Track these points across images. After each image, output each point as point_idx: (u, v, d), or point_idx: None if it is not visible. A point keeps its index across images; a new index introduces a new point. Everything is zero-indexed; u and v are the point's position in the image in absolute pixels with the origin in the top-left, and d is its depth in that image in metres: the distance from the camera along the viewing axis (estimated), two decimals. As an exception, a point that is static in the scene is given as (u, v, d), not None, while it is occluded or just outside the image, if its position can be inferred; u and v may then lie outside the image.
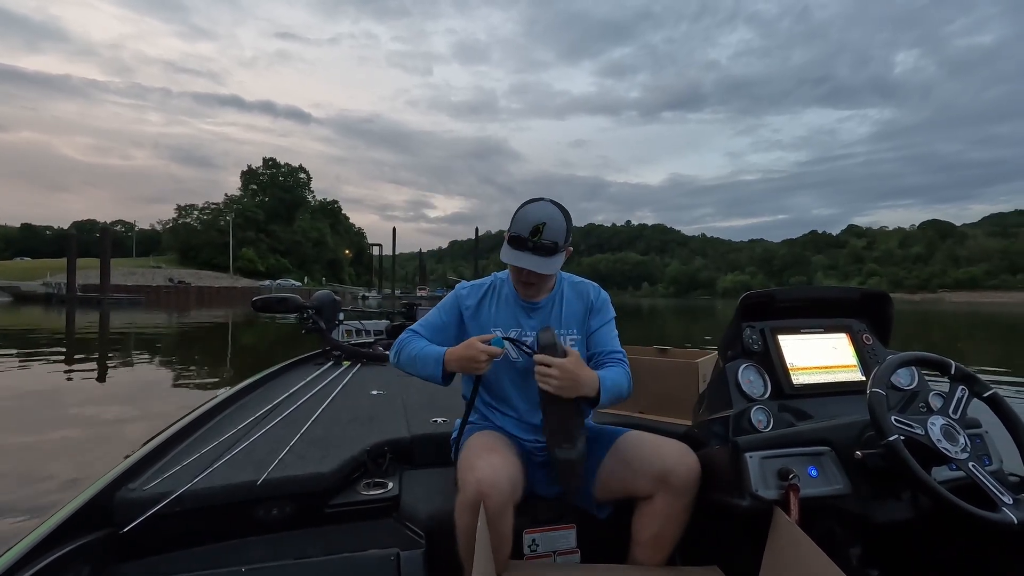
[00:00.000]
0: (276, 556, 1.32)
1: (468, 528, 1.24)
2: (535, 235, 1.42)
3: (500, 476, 1.24)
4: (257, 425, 1.94)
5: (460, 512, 1.26)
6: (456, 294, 1.64)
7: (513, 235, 1.45)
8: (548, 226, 1.42)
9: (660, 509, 1.35)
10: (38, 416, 5.12)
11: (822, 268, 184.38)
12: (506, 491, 1.23)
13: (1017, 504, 1.08)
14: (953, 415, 1.20)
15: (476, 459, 1.30)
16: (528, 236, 1.42)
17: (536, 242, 1.42)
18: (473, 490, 1.22)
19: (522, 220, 1.45)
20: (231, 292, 52.88)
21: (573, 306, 1.60)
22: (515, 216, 1.48)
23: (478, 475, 1.23)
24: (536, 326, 1.53)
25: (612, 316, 1.64)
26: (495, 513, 1.21)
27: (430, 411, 2.16)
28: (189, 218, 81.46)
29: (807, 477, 1.24)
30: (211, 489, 1.40)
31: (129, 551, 1.30)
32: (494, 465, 1.27)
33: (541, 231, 1.42)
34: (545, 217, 1.43)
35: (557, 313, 1.58)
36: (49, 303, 30.87)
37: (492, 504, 1.20)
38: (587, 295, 1.62)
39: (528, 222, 1.43)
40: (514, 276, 1.55)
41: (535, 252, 1.43)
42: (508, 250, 1.48)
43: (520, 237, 1.43)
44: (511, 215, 1.49)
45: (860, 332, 1.64)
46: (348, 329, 3.97)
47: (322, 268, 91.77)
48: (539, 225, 1.42)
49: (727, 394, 1.45)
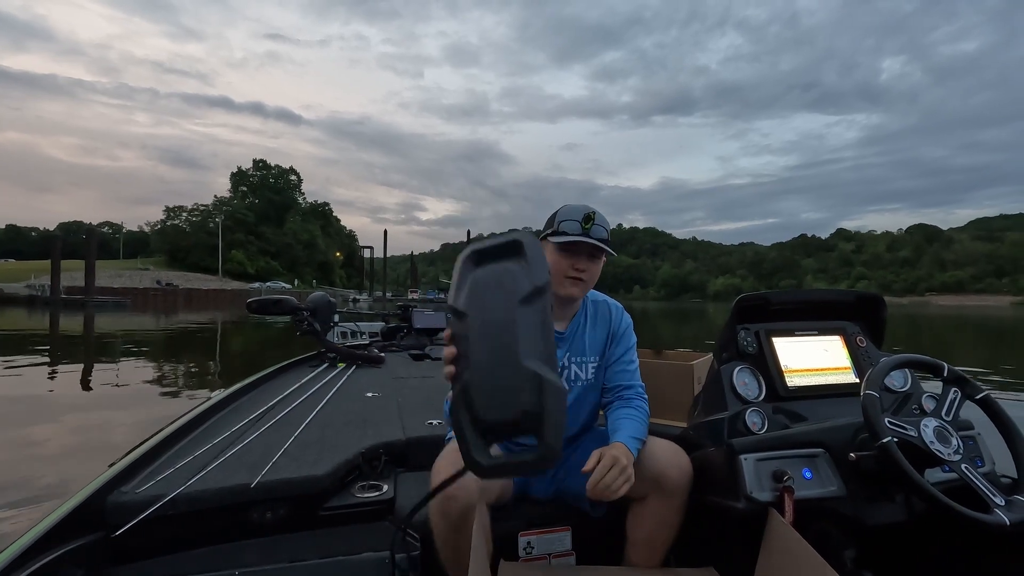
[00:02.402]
0: (270, 559, 1.31)
1: (442, 532, 1.24)
2: (587, 222, 1.37)
3: (467, 476, 1.22)
4: (251, 427, 1.92)
5: (432, 513, 1.25)
6: None
7: (563, 227, 1.39)
8: (599, 215, 1.39)
9: (653, 510, 1.35)
10: (13, 422, 5.02)
11: (811, 271, 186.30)
12: (474, 491, 1.21)
13: (1009, 506, 1.09)
14: (946, 417, 1.21)
15: (442, 459, 1.28)
16: (581, 222, 1.37)
17: (588, 228, 1.37)
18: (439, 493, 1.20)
19: (569, 211, 1.40)
20: (220, 294, 52.37)
21: (596, 332, 1.53)
22: (557, 213, 1.43)
23: (442, 476, 1.20)
24: (561, 355, 1.48)
25: (634, 343, 1.58)
26: (461, 512, 1.20)
27: (425, 413, 2.15)
28: (178, 220, 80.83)
29: (801, 479, 1.25)
30: (205, 492, 1.38)
31: (122, 555, 1.28)
32: (458, 466, 1.24)
33: (593, 219, 1.38)
34: (593, 209, 1.39)
35: (581, 339, 1.51)
36: (33, 305, 30.47)
37: (457, 506, 1.19)
38: (609, 319, 1.55)
39: (577, 211, 1.39)
40: (563, 271, 1.41)
41: (590, 238, 1.37)
42: (558, 238, 1.38)
43: (572, 223, 1.38)
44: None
45: (854, 334, 1.65)
46: (343, 331, 3.95)
47: (313, 270, 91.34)
48: (591, 213, 1.38)
49: (722, 396, 1.46)
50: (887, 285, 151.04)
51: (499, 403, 0.84)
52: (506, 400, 0.84)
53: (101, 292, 35.55)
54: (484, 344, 0.87)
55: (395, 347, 4.28)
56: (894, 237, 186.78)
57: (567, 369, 1.50)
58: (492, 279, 0.90)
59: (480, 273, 0.92)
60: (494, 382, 0.85)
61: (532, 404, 0.82)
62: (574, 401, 1.50)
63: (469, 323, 0.89)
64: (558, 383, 0.83)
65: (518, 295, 0.87)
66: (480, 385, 0.86)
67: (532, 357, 0.83)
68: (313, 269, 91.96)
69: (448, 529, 1.22)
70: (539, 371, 0.82)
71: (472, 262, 0.93)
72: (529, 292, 0.86)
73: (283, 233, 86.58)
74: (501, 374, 0.84)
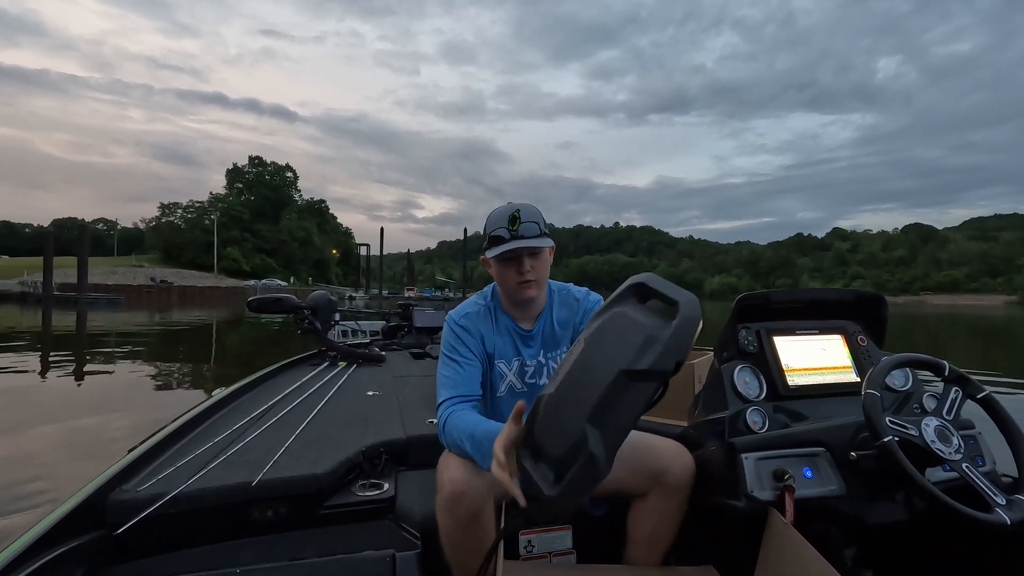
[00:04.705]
0: (271, 558, 1.31)
1: (449, 528, 1.23)
2: (513, 223, 1.35)
3: (474, 474, 1.22)
4: (252, 426, 1.92)
5: (439, 512, 1.25)
6: (461, 328, 1.46)
7: (492, 235, 1.38)
8: (524, 211, 1.37)
9: (655, 507, 1.35)
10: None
11: (807, 271, 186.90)
12: (482, 489, 1.21)
13: (1010, 505, 1.09)
14: (947, 416, 1.22)
15: (451, 458, 1.28)
16: (507, 225, 1.36)
17: (516, 230, 1.35)
18: (448, 489, 1.20)
19: (496, 218, 1.39)
20: (215, 292, 52.19)
21: (564, 320, 1.49)
22: (486, 222, 1.43)
23: (452, 474, 1.22)
24: (535, 354, 1.47)
25: None
26: (471, 512, 1.20)
27: (426, 412, 2.15)
28: (173, 217, 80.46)
29: (802, 478, 1.25)
30: (206, 490, 1.38)
31: (123, 553, 1.28)
32: (468, 463, 1.24)
33: (519, 216, 1.36)
34: (517, 207, 1.38)
35: (550, 333, 1.49)
36: (25, 302, 30.28)
37: (468, 502, 1.19)
38: (576, 301, 1.51)
39: (502, 214, 1.38)
40: (510, 281, 1.39)
41: (519, 239, 1.35)
42: (492, 251, 1.37)
43: (501, 229, 1.36)
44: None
45: (855, 334, 1.65)
46: (344, 330, 3.95)
47: (308, 268, 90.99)
48: (515, 213, 1.36)
49: (723, 395, 1.46)
50: (882, 284, 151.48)
51: (552, 432, 0.91)
52: (556, 437, 0.90)
53: (94, 289, 35.41)
54: (571, 378, 0.93)
55: (396, 346, 4.28)
56: (889, 236, 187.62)
57: (545, 367, 1.48)
58: (625, 327, 0.90)
59: (626, 310, 0.93)
60: (558, 414, 0.91)
61: (567, 456, 0.87)
62: None
63: (581, 348, 0.94)
64: (600, 459, 0.84)
65: (628, 362, 0.85)
66: (548, 407, 0.93)
67: (596, 425, 0.86)
68: (309, 267, 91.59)
69: (456, 528, 1.22)
70: (589, 437, 0.84)
71: (636, 295, 0.95)
72: (640, 369, 0.85)
73: (279, 230, 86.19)
74: (564, 414, 0.90)
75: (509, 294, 1.45)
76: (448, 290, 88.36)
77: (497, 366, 1.47)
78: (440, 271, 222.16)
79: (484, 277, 77.81)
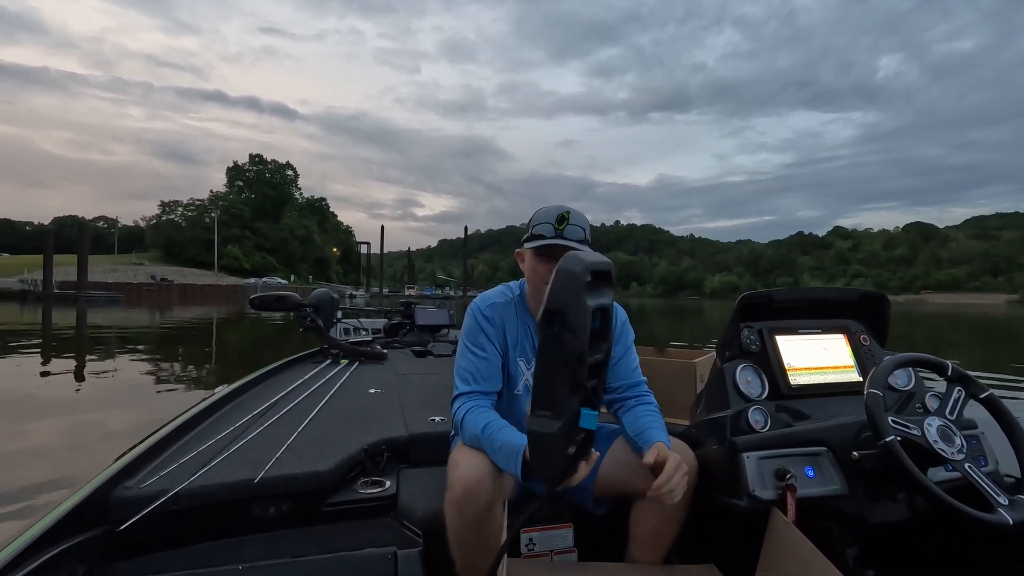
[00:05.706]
0: (273, 555, 1.31)
1: (457, 527, 1.24)
2: (561, 223, 1.35)
3: (486, 473, 1.22)
4: (255, 423, 1.92)
5: (448, 510, 1.25)
6: (484, 319, 1.45)
7: (537, 231, 1.38)
8: (573, 215, 1.37)
9: (658, 507, 1.34)
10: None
11: (808, 269, 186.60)
12: (493, 488, 1.22)
13: (1012, 505, 1.09)
14: (949, 416, 1.22)
15: (462, 456, 1.28)
16: (554, 224, 1.36)
17: (561, 230, 1.35)
18: (460, 488, 1.21)
19: (544, 214, 1.39)
20: (215, 290, 52.21)
21: None
22: (533, 217, 1.42)
23: (463, 472, 1.22)
24: None
25: (632, 340, 1.55)
26: (481, 511, 1.20)
27: (428, 410, 2.15)
28: (173, 214, 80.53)
29: (804, 477, 1.25)
30: (208, 487, 1.38)
31: (125, 549, 1.28)
32: (480, 462, 1.25)
33: (567, 219, 1.36)
34: (568, 209, 1.38)
35: None
36: (25, 300, 30.28)
37: (479, 501, 1.20)
38: None
39: (550, 213, 1.38)
40: (541, 277, 1.38)
41: (561, 238, 1.35)
42: (531, 243, 1.38)
43: (546, 225, 1.37)
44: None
45: (857, 333, 1.65)
46: (346, 328, 3.95)
47: (309, 266, 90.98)
48: (564, 214, 1.36)
49: (725, 394, 1.46)
50: (883, 283, 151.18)
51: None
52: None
53: (95, 287, 35.38)
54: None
55: (398, 344, 4.28)
56: (890, 235, 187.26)
57: None
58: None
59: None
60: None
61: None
62: None
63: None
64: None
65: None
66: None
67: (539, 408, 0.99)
68: (309, 265, 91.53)
69: (465, 526, 1.22)
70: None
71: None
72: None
73: (279, 228, 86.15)
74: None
75: (537, 291, 1.44)
76: (449, 288, 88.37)
77: (515, 362, 1.48)
78: (441, 269, 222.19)
79: (484, 276, 77.29)
